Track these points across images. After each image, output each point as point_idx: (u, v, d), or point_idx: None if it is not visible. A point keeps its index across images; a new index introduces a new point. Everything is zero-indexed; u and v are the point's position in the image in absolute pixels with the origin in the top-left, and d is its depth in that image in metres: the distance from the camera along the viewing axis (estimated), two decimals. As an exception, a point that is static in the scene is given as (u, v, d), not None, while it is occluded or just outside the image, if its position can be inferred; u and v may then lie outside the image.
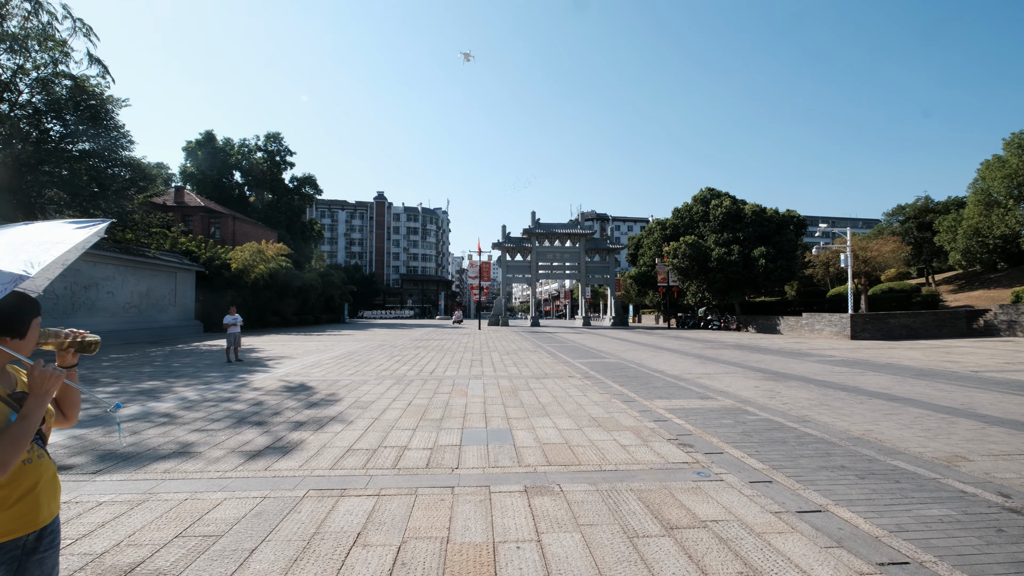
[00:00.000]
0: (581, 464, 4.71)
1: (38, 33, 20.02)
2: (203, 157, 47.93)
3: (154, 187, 34.10)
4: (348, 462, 4.77)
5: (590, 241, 46.51)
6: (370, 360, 14.00)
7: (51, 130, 20.72)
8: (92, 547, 3.07)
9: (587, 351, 17.68)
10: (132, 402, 7.73)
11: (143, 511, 3.62)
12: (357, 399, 8.04)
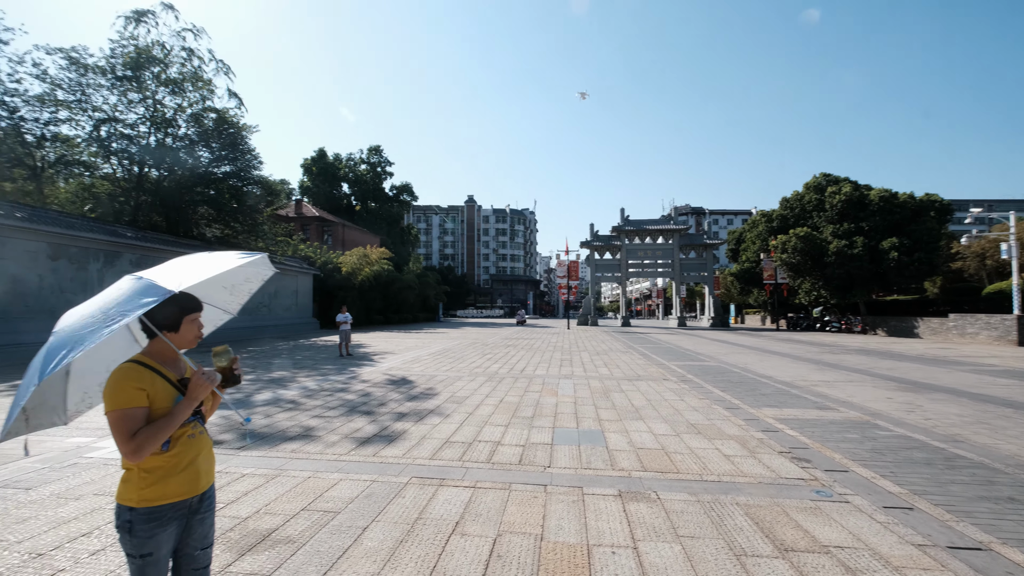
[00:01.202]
0: (679, 472, 4.48)
1: (191, 76, 23.76)
2: (317, 172, 53.45)
3: (279, 201, 38.73)
4: (446, 453, 5.01)
5: (684, 237, 44.01)
6: (463, 357, 14.58)
7: (201, 157, 24.43)
8: (238, 511, 3.57)
9: (683, 353, 16.76)
10: (265, 389, 8.85)
11: (275, 485, 4.12)
12: (453, 394, 8.42)
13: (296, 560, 2.91)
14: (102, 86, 21.57)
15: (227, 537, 3.17)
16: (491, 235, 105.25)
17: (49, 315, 13.96)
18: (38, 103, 20.63)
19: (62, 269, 14.68)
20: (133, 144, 22.58)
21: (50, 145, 22.17)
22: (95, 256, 15.76)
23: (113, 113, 22.01)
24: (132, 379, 1.64)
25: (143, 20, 22.62)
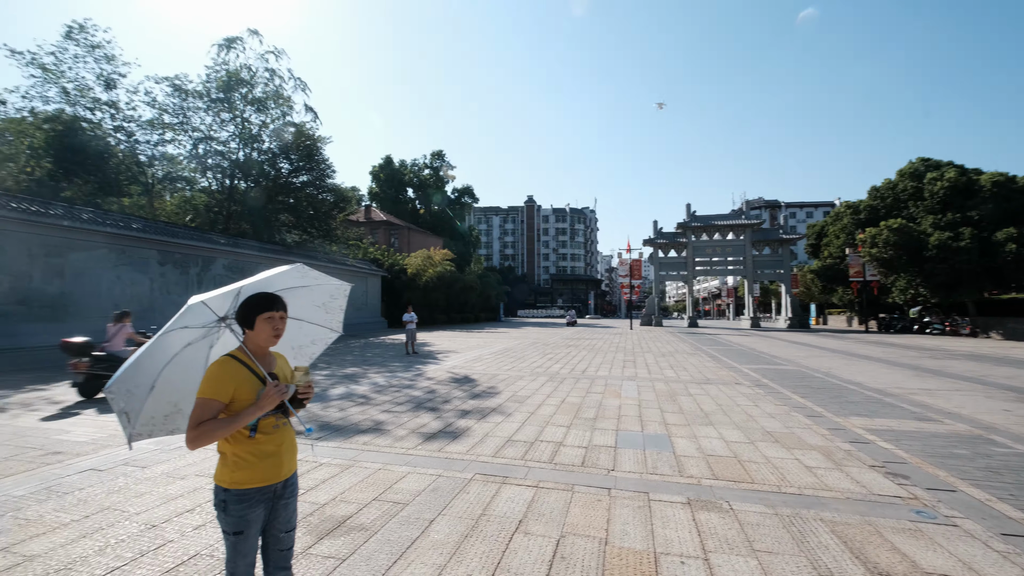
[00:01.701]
0: (754, 482, 4.21)
1: (273, 94, 25.78)
2: (384, 179, 56.07)
3: (350, 207, 41.00)
4: (508, 452, 5.06)
5: (757, 232, 41.32)
6: (524, 357, 14.65)
7: (282, 168, 26.46)
8: (317, 498, 3.82)
9: (757, 356, 15.75)
10: (339, 384, 9.42)
11: (349, 475, 4.37)
12: (514, 393, 8.48)
13: (369, 547, 3.06)
14: (200, 108, 24.02)
15: (307, 521, 3.40)
16: (551, 235, 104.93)
17: (159, 314, 15.74)
18: (149, 127, 23.37)
19: (168, 273, 16.51)
20: (225, 159, 24.93)
21: (158, 163, 25.03)
22: (194, 261, 17.56)
23: (209, 132, 24.44)
24: (224, 371, 1.82)
25: (233, 46, 24.89)
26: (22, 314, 12.22)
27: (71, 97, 21.15)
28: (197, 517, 3.49)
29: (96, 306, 14.00)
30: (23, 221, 12.23)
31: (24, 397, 7.97)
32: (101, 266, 14.25)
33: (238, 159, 25.08)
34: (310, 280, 2.30)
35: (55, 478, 4.27)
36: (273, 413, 1.93)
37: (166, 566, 2.83)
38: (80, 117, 21.13)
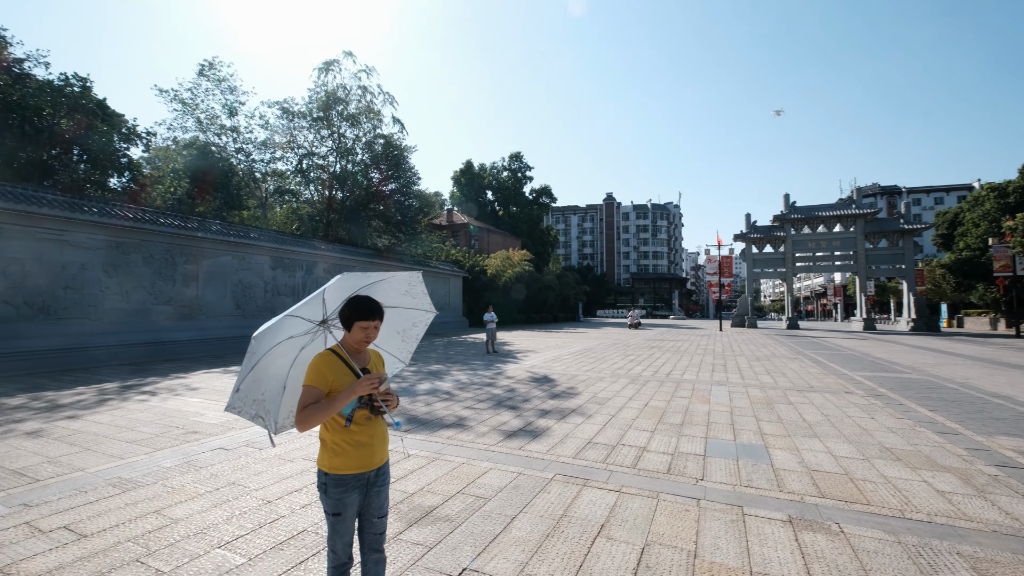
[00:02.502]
0: (870, 504, 3.75)
1: (365, 110, 27.74)
2: (464, 183, 57.98)
3: (433, 212, 42.96)
4: (589, 454, 4.98)
5: (871, 223, 36.71)
6: (604, 358, 14.35)
7: (373, 178, 28.40)
8: (406, 487, 4.05)
9: (872, 362, 14.01)
10: (425, 380, 9.90)
11: (435, 467, 4.57)
12: (594, 395, 8.34)
13: (454, 538, 3.18)
14: (303, 127, 26.58)
15: (397, 508, 3.61)
16: (631, 232, 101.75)
17: (270, 312, 17.65)
18: (263, 147, 26.31)
19: (279, 276, 18.46)
20: (324, 172, 27.34)
21: (270, 179, 28.08)
22: (300, 265, 19.46)
23: (311, 148, 26.94)
24: (323, 363, 2.00)
25: (331, 68, 27.21)
26: (167, 314, 14.35)
27: (203, 125, 24.47)
28: (304, 497, 3.85)
29: (222, 306, 16.03)
30: (171, 234, 14.36)
31: (169, 383, 9.35)
32: (226, 271, 16.30)
33: (335, 172, 27.36)
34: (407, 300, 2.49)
35: (193, 454, 4.95)
36: (365, 406, 2.07)
37: (279, 538, 3.16)
38: (210, 142, 24.36)
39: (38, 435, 5.63)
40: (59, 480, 4.21)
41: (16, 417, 6.51)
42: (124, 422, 6.26)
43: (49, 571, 2.77)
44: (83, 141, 16.36)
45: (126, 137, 18.94)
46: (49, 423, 6.19)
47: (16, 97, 14.59)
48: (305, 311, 2.14)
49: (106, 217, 12.86)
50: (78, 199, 13.48)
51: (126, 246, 13.37)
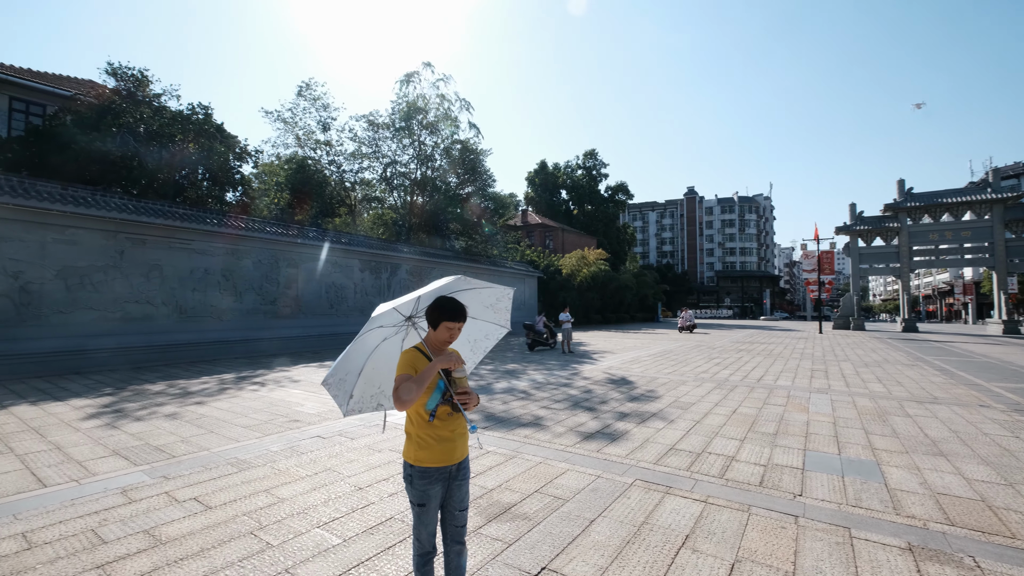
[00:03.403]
0: (1015, 537, 3.19)
1: (443, 117, 28.84)
2: (539, 183, 58.20)
3: (508, 213, 43.59)
4: (671, 461, 4.76)
5: (1013, 208, 31.27)
6: (687, 360, 13.66)
7: (451, 182, 29.45)
8: (485, 483, 4.14)
9: (1016, 371, 11.95)
10: (501, 379, 10.07)
11: (512, 465, 4.62)
12: (676, 399, 7.96)
13: (532, 536, 3.19)
14: (387, 138, 28.25)
15: (477, 503, 3.70)
16: (715, 227, 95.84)
17: (359, 312, 18.96)
18: (352, 158, 28.34)
19: (366, 278, 19.78)
20: (406, 179, 28.85)
21: (359, 188, 30.17)
22: (385, 267, 20.70)
23: (394, 157, 28.56)
24: (411, 357, 2.13)
25: (411, 80, 28.65)
26: (273, 313, 15.95)
27: (301, 141, 26.91)
28: (391, 486, 4.08)
29: (318, 306, 17.50)
30: (275, 241, 15.97)
31: (275, 376, 10.38)
32: (321, 274, 17.78)
33: (416, 178, 28.77)
34: (475, 285, 2.55)
35: (295, 440, 5.45)
36: (447, 403, 2.15)
37: (369, 523, 3.37)
38: (307, 156, 26.73)
39: (173, 417, 6.52)
40: (190, 457, 4.85)
41: (157, 401, 7.60)
42: (239, 409, 7.05)
43: (183, 536, 3.19)
44: (205, 161, 18.73)
45: (239, 156, 21.38)
46: (182, 407, 7.15)
47: (155, 127, 17.06)
48: (404, 307, 2.30)
49: (223, 227, 14.59)
50: (201, 212, 15.44)
51: (239, 253, 15.07)
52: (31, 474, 4.35)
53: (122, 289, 12.22)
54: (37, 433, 5.69)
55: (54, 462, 4.67)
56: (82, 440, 5.41)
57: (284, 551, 2.99)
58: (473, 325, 2.64)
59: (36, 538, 3.16)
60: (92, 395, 8.05)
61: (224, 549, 3.01)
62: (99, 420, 6.34)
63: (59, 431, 5.78)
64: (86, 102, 16.16)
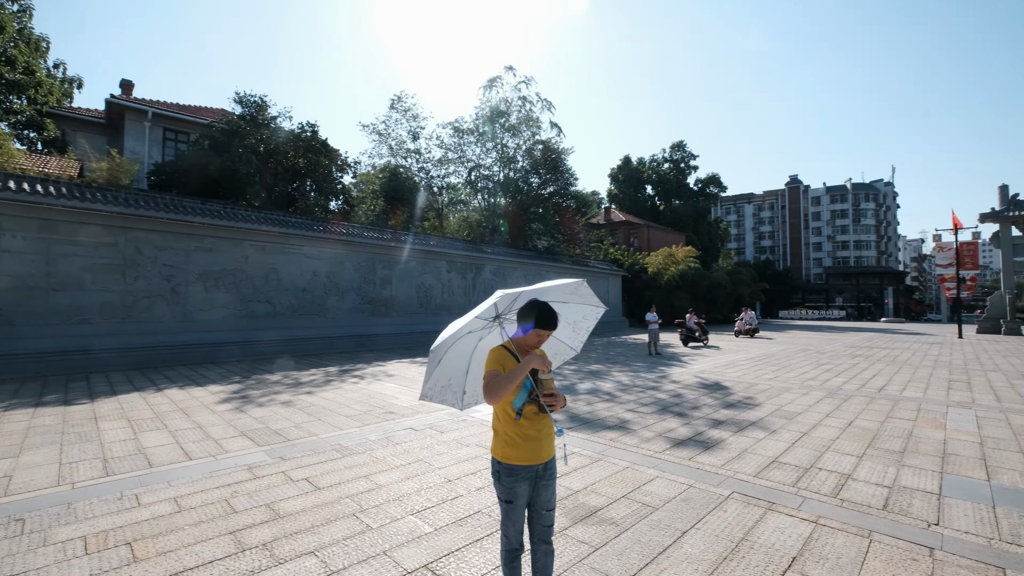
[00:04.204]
0: None
1: (524, 119, 29.15)
2: (622, 179, 56.56)
3: (591, 211, 42.90)
4: (774, 475, 4.37)
5: None
6: (791, 365, 12.45)
7: (532, 182, 29.66)
8: (570, 484, 4.10)
9: None
10: (585, 380, 9.93)
11: (598, 468, 4.53)
12: (779, 407, 7.29)
13: (620, 543, 3.10)
14: (471, 143, 29.19)
15: (563, 504, 3.68)
16: (823, 219, 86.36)
17: (446, 311, 19.79)
18: (439, 164, 29.69)
19: (453, 278, 20.60)
20: (489, 182, 29.58)
21: (445, 192, 31.52)
22: (469, 268, 21.41)
23: (478, 161, 29.43)
24: (500, 355, 2.17)
25: (494, 85, 29.34)
26: (370, 312, 17.21)
27: (393, 151, 28.76)
28: (478, 480, 4.20)
29: (409, 305, 18.56)
30: (372, 245, 17.24)
31: (372, 370, 11.18)
32: (412, 275, 18.84)
33: (499, 180, 29.39)
34: (576, 298, 2.57)
35: (390, 431, 5.82)
36: (533, 402, 2.16)
37: (458, 515, 3.50)
38: (399, 165, 28.52)
39: (288, 404, 7.29)
40: (301, 441, 5.38)
41: (275, 390, 8.55)
42: (342, 400, 7.70)
43: (297, 512, 3.55)
44: (312, 174, 20.73)
45: (340, 168, 23.38)
46: (294, 396, 7.97)
47: (272, 146, 19.24)
48: (480, 314, 2.35)
49: (327, 234, 16.03)
50: (310, 220, 17.10)
51: (341, 256, 16.47)
52: (180, 448, 5.10)
53: (247, 290, 13.93)
54: (184, 413, 6.67)
55: (197, 439, 5.44)
56: (217, 421, 6.24)
57: (382, 534, 3.21)
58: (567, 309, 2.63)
59: (184, 503, 3.70)
60: (224, 382, 9.26)
61: (331, 527, 3.30)
62: (230, 404, 7.27)
63: (200, 412, 6.72)
64: (219, 128, 18.64)
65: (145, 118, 20.73)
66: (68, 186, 11.97)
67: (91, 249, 11.28)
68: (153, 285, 12.17)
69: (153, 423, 6.10)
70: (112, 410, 6.79)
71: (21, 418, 6.29)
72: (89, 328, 11.09)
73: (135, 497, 3.80)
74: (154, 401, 7.44)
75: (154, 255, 12.24)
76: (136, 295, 11.88)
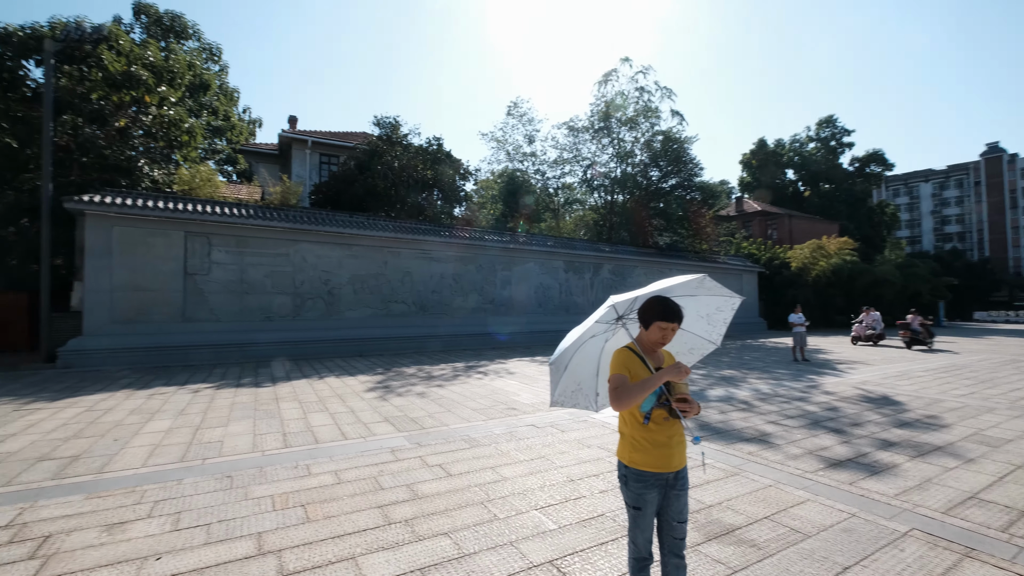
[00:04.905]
0: None
1: (642, 110, 27.96)
2: (756, 165, 51.04)
3: (719, 202, 39.55)
4: (973, 514, 3.54)
5: None
6: (994, 380, 10.03)
7: (652, 176, 28.30)
8: (702, 497, 3.81)
9: None
10: (716, 386, 9.16)
11: (734, 483, 4.13)
12: (977, 430, 5.91)
13: (762, 568, 2.79)
14: (586, 140, 28.88)
15: (695, 518, 3.43)
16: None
17: (564, 311, 19.84)
18: (554, 164, 29.93)
19: (570, 278, 20.58)
20: (606, 179, 28.95)
21: (561, 192, 31.67)
22: (587, 267, 21.18)
23: (593, 158, 29.00)
24: (625, 356, 2.09)
25: (608, 79, 28.64)
26: (491, 311, 18.01)
27: (511, 156, 29.74)
28: (601, 483, 4.12)
29: (528, 305, 19.01)
30: (492, 247, 18.05)
31: (495, 367, 11.67)
32: (530, 275, 19.27)
33: (616, 176, 28.60)
34: (703, 291, 2.40)
35: (513, 426, 6.01)
36: (663, 406, 2.04)
37: (582, 515, 3.47)
38: (516, 169, 29.41)
39: (423, 396, 7.95)
40: (435, 430, 5.82)
41: (411, 382, 9.39)
42: (468, 393, 8.16)
43: (432, 495, 3.84)
44: (439, 183, 22.41)
45: (463, 176, 24.92)
46: (428, 388, 8.67)
47: (405, 161, 21.27)
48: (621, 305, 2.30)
49: (452, 239, 17.17)
50: (437, 227, 18.50)
51: (465, 259, 17.51)
52: (338, 428, 5.88)
53: (386, 291, 15.56)
54: (340, 399, 7.68)
55: (350, 421, 6.22)
56: (365, 407, 7.06)
57: (508, 525, 3.31)
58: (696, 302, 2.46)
59: (342, 476, 4.24)
60: (370, 373, 10.45)
61: (462, 513, 3.51)
62: (374, 393, 8.18)
63: (352, 399, 7.67)
64: (361, 149, 21.14)
65: (306, 146, 24.40)
66: (254, 208, 14.60)
67: (270, 259, 13.61)
68: (315, 288, 14.25)
69: (317, 406, 7.13)
70: (287, 393, 8.10)
71: (227, 396, 7.83)
72: (270, 325, 13.39)
73: (306, 467, 4.47)
74: (317, 387, 8.69)
75: (315, 262, 14.31)
76: (302, 296, 14.02)
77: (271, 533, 3.20)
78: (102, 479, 4.18)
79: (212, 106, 23.68)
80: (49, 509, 3.56)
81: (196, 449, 5.03)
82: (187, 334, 12.26)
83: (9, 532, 3.21)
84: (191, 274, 12.49)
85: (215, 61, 25.47)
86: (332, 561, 2.86)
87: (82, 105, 14.22)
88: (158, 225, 12.09)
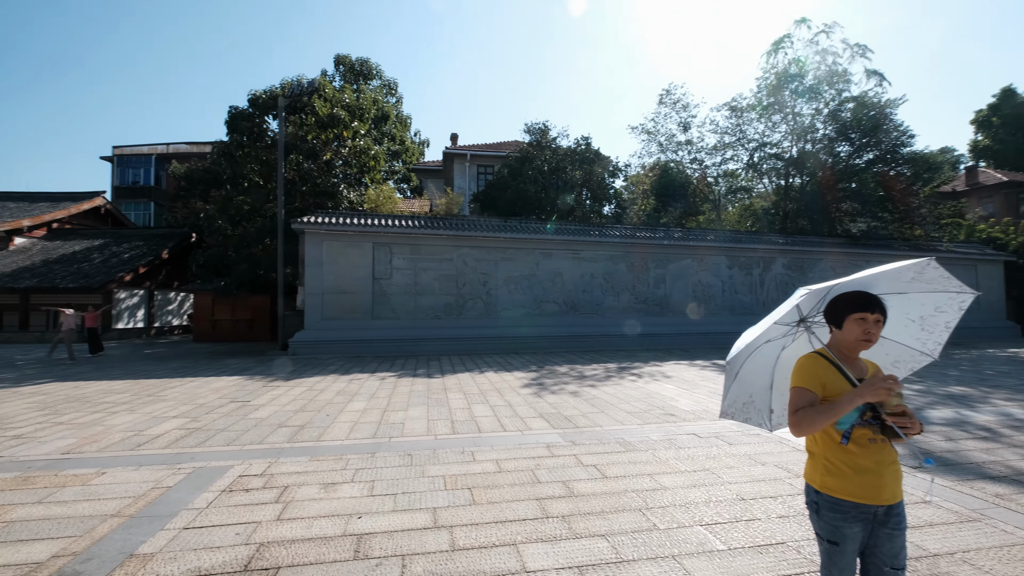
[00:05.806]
0: None
1: (825, 76, 23.82)
2: (999, 124, 39.23)
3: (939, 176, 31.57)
4: None
5: None
6: None
7: (840, 153, 23.87)
8: (923, 542, 3.06)
9: None
10: (940, 405, 7.30)
11: (973, 530, 3.23)
12: None
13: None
14: (752, 120, 25.73)
15: (914, 567, 2.78)
16: None
17: (728, 311, 17.99)
18: (713, 151, 27.37)
19: (735, 275, 18.57)
20: (778, 160, 25.39)
21: (722, 181, 28.82)
22: (756, 263, 18.85)
23: (762, 139, 25.69)
24: (813, 364, 1.77)
25: (780, 47, 25.07)
26: (644, 311, 17.27)
27: (663, 147, 28.10)
28: (780, 506, 3.62)
29: (684, 303, 17.73)
30: (644, 245, 17.34)
31: (649, 369, 11.16)
32: (687, 273, 17.95)
33: (791, 156, 24.87)
34: (920, 284, 1.91)
35: (672, 433, 5.67)
36: (869, 424, 1.70)
37: (756, 540, 3.09)
38: (669, 160, 27.68)
39: (575, 395, 8.02)
40: (588, 430, 5.82)
41: (563, 380, 9.55)
42: (622, 395, 7.96)
43: (588, 494, 3.84)
44: (588, 183, 22.39)
45: (612, 173, 24.45)
46: (580, 388, 8.71)
47: (554, 164, 21.77)
48: (805, 303, 1.98)
49: (603, 238, 16.95)
50: (586, 226, 18.48)
51: (615, 258, 17.13)
52: (497, 420, 6.29)
53: (538, 291, 16.12)
54: (498, 392, 8.20)
55: (508, 415, 6.59)
56: (521, 402, 7.41)
57: (670, 537, 3.13)
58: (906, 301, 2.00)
59: (503, 466, 4.52)
60: (524, 370, 10.93)
61: (618, 517, 3.43)
62: (529, 389, 8.53)
63: (509, 393, 8.13)
64: (513, 157, 22.29)
65: (465, 160, 26.73)
66: (424, 219, 16.53)
67: (437, 263, 15.25)
68: (474, 289, 15.50)
69: (479, 398, 7.73)
70: (453, 384, 8.96)
71: (406, 384, 9.01)
72: (438, 323, 15.01)
73: (471, 454, 4.88)
74: (478, 380, 9.43)
75: (474, 266, 15.57)
76: (464, 297, 15.38)
77: (443, 510, 3.57)
78: (319, 446, 5.18)
79: (391, 133, 27.55)
80: (286, 466, 4.54)
81: (384, 428, 5.89)
82: (375, 330, 14.47)
83: (263, 479, 4.19)
84: (377, 279, 14.71)
85: (392, 94, 29.51)
86: (496, 544, 3.06)
87: (301, 145, 17.89)
88: (353, 238, 14.56)
